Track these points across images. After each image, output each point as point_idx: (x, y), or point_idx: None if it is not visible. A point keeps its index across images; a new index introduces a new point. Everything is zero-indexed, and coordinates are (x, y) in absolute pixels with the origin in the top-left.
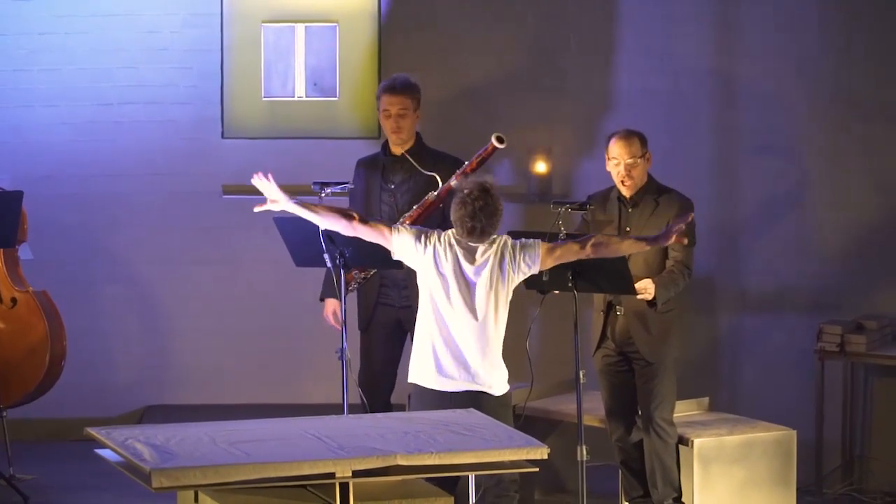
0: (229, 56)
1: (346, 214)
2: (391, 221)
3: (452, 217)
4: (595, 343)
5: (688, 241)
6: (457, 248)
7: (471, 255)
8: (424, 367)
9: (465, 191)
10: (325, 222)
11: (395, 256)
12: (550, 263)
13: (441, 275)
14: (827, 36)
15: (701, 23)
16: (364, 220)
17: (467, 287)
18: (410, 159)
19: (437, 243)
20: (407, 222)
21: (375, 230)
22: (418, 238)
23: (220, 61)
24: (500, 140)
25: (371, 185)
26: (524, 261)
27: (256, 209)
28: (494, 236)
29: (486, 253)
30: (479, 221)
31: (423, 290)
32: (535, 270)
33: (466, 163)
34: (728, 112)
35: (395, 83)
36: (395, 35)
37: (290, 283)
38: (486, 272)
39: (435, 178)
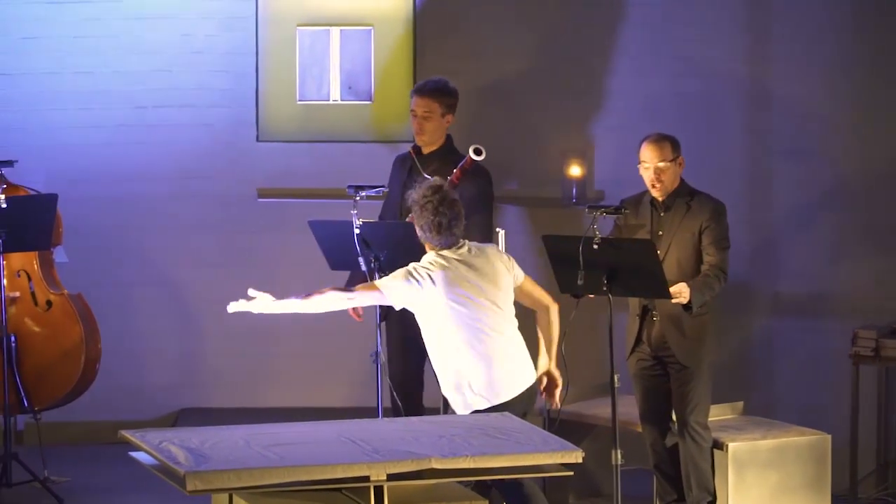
0: (264, 59)
1: (329, 293)
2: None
3: (418, 226)
4: (630, 347)
5: (721, 245)
6: (452, 261)
7: (469, 263)
8: (479, 388)
9: (418, 197)
10: (313, 306)
11: (398, 306)
12: (520, 295)
13: (460, 292)
14: (860, 39)
15: (733, 27)
16: (344, 289)
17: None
18: (416, 163)
19: (430, 270)
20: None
21: (363, 293)
22: (407, 279)
23: (255, 64)
24: (477, 152)
25: (403, 183)
26: (515, 271)
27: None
28: (483, 245)
29: (481, 255)
30: (444, 215)
31: (438, 322)
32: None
33: (448, 178)
34: (761, 116)
35: (424, 86)
36: (429, 38)
37: (325, 286)
38: (494, 266)
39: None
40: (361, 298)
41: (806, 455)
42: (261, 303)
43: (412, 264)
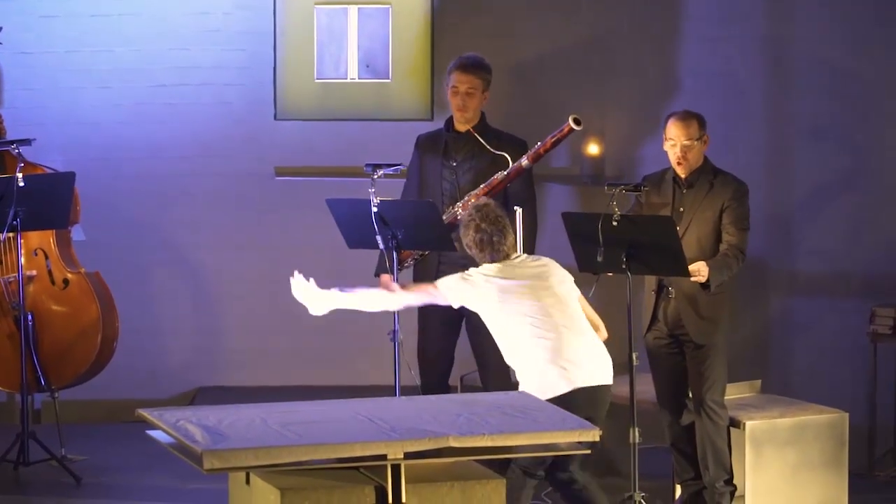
0: (282, 38)
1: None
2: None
3: (466, 244)
4: (646, 324)
5: (741, 225)
6: (505, 268)
7: (525, 267)
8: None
9: (463, 217)
10: (368, 304)
11: (456, 304)
12: None
13: (514, 290)
14: (883, 21)
15: (755, 6)
16: (406, 287)
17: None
18: (479, 137)
19: (483, 273)
20: (472, 201)
21: (420, 292)
22: (464, 278)
23: (273, 43)
24: (577, 122)
25: (431, 163)
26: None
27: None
28: (539, 258)
29: (538, 262)
30: (485, 232)
31: (500, 319)
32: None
33: (540, 143)
34: (782, 96)
35: (467, 61)
36: (447, 16)
37: (343, 264)
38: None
39: (504, 157)
40: (418, 297)
41: (824, 433)
42: (319, 304)
43: (469, 269)
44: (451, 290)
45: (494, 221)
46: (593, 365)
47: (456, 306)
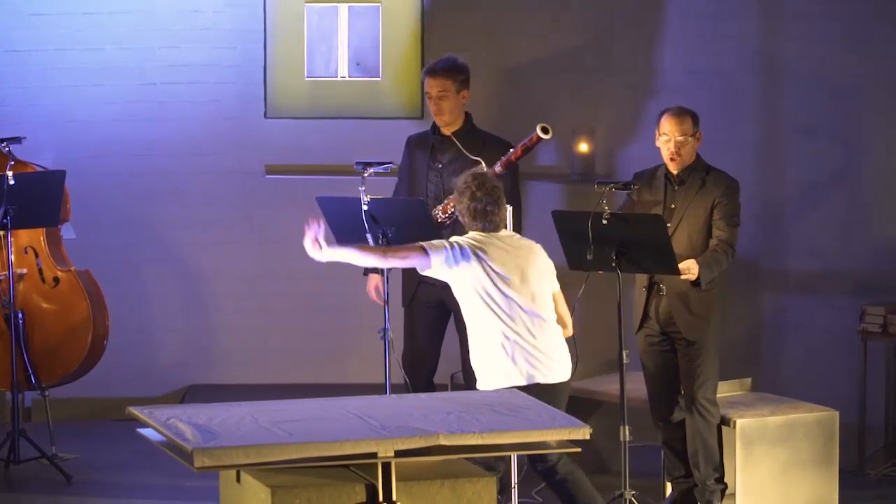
0: (272, 36)
1: (378, 248)
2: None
3: (459, 212)
4: (637, 322)
5: (732, 221)
6: (493, 238)
7: (511, 245)
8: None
9: (459, 184)
10: (362, 258)
11: (437, 273)
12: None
13: (496, 267)
14: (874, 18)
15: (747, 4)
16: (394, 249)
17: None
18: (457, 142)
19: (471, 241)
20: (451, 205)
21: (406, 250)
22: (451, 245)
23: (264, 41)
24: (544, 130)
25: (419, 164)
26: (553, 276)
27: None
28: (525, 239)
29: (524, 244)
30: (480, 200)
31: (473, 296)
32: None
33: (511, 151)
34: (773, 93)
35: (435, 65)
36: (437, 15)
37: (334, 263)
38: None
39: (480, 162)
40: (398, 257)
41: (814, 431)
42: (327, 251)
43: (454, 237)
44: (436, 253)
45: (490, 192)
46: (552, 361)
47: (436, 274)
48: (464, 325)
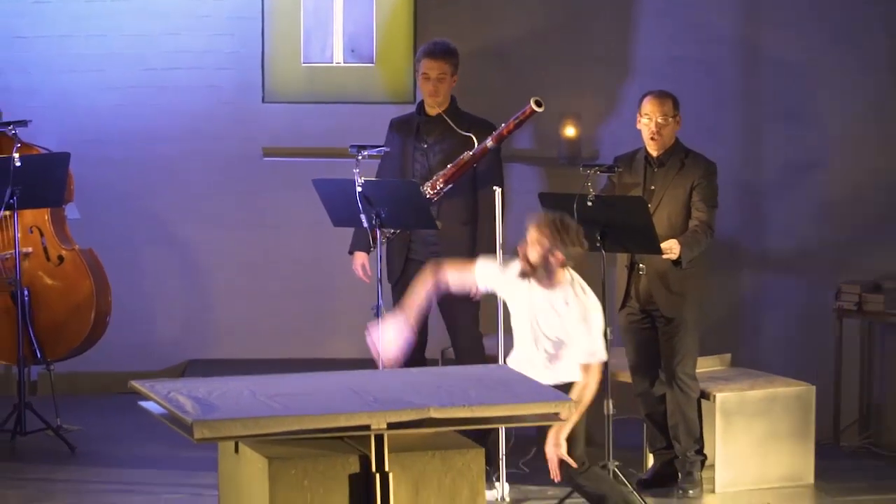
0: (270, 23)
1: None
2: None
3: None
4: (619, 301)
5: (710, 203)
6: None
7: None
8: None
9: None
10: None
11: (483, 287)
12: None
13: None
14: (855, 5)
15: None
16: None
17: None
18: (448, 119)
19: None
20: (441, 181)
21: (460, 273)
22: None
23: (261, 28)
24: (538, 103)
25: (405, 145)
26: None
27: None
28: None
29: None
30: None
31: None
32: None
33: (504, 124)
34: (753, 79)
35: (435, 48)
36: (429, 2)
37: (328, 242)
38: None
39: (471, 138)
40: (456, 279)
41: (791, 405)
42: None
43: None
44: (483, 271)
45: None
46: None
47: (481, 288)
48: (448, 305)
